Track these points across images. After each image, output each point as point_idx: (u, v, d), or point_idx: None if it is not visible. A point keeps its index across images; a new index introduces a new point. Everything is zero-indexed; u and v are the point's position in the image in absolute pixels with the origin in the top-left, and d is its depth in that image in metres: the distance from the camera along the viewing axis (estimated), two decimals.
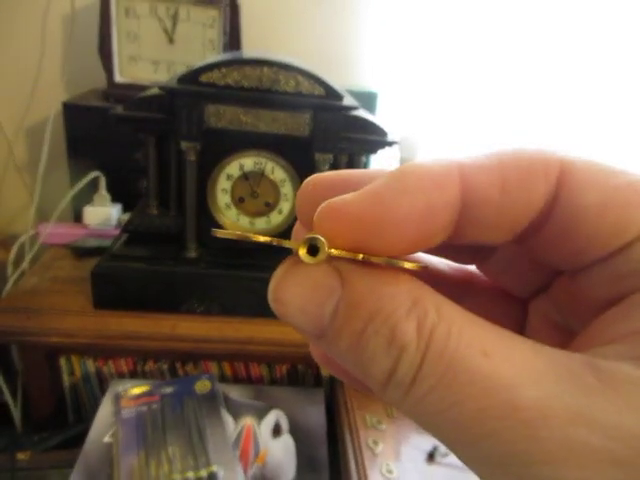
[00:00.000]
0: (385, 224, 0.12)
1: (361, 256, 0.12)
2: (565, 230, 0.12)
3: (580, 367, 0.11)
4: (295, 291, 0.12)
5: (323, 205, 0.12)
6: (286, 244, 0.13)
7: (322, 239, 0.12)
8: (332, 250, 0.12)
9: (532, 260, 0.15)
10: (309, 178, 0.14)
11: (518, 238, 0.13)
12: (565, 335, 0.15)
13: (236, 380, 0.75)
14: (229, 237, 0.13)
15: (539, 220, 0.13)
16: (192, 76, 0.59)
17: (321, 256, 0.12)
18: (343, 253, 0.12)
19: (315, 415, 0.65)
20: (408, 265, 0.12)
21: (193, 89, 0.59)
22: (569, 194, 0.12)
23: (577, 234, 0.12)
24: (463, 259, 0.17)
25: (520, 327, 0.16)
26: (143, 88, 0.67)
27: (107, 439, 0.59)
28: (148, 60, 0.86)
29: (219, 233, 0.13)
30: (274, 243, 0.13)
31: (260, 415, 0.63)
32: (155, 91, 0.61)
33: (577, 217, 0.12)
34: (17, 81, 0.95)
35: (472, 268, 0.17)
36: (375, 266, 0.12)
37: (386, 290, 0.12)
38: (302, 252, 0.12)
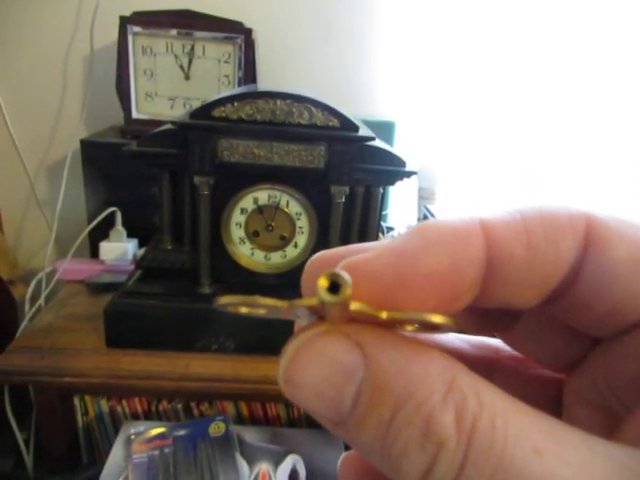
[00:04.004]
0: (409, 282, 0.11)
1: (385, 314, 0.11)
2: (596, 288, 0.12)
3: None
4: (309, 371, 0.11)
5: (341, 264, 0.11)
6: (300, 303, 0.11)
7: (344, 275, 0.10)
8: (353, 304, 0.11)
9: (563, 326, 0.14)
10: (313, 256, 0.13)
11: (548, 299, 0.12)
12: (607, 417, 0.13)
13: (253, 420, 0.72)
14: (232, 305, 0.12)
15: (568, 278, 0.12)
16: (204, 111, 0.58)
17: (344, 292, 0.10)
18: (364, 307, 0.11)
19: (333, 460, 0.61)
20: (437, 319, 0.11)
21: (205, 124, 0.58)
22: (597, 249, 0.11)
23: (609, 292, 0.11)
24: (486, 329, 0.15)
25: (556, 408, 0.14)
26: (160, 124, 0.67)
27: None
28: (165, 96, 0.87)
29: (222, 300, 0.12)
30: (285, 307, 0.11)
31: (276, 460, 0.59)
32: (168, 127, 0.61)
33: (607, 273, 0.11)
34: (39, 120, 0.97)
35: (495, 342, 0.16)
36: (401, 336, 0.11)
37: (417, 370, 0.10)
38: (322, 287, 0.10)
